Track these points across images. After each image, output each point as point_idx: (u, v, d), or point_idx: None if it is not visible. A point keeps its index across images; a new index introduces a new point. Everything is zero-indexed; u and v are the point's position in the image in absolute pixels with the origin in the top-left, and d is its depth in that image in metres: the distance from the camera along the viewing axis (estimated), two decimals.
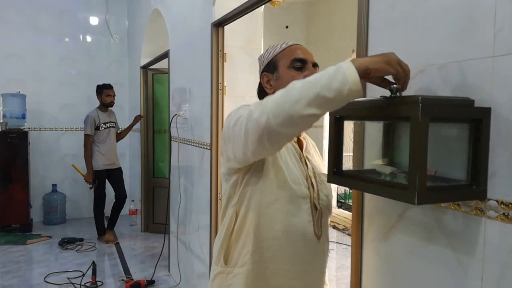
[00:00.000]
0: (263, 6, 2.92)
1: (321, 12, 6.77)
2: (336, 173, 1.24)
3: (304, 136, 1.39)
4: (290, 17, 6.85)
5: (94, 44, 6.02)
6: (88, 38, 5.99)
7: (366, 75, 0.94)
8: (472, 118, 1.04)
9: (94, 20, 6.01)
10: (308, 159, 1.32)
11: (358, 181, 1.16)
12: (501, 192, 1.03)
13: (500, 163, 1.03)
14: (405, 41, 1.29)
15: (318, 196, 1.28)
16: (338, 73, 0.91)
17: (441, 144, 1.14)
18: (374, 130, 1.29)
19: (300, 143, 1.34)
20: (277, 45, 1.32)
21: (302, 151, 1.32)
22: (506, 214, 1.01)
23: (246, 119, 1.03)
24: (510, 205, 1.00)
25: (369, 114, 1.13)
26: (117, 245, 4.87)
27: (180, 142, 3.63)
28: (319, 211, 1.28)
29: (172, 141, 3.85)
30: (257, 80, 1.40)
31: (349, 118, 1.22)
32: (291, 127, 0.98)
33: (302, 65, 1.25)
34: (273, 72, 1.29)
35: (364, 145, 1.35)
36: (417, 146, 0.95)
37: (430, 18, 1.20)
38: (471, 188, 1.05)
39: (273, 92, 1.27)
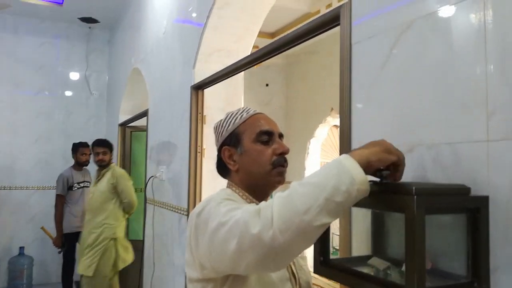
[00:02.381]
0: None
1: (300, 70, 6.91)
2: (323, 263, 1.12)
3: None
4: (270, 75, 6.96)
5: (72, 99, 5.91)
6: (67, 93, 5.90)
7: (368, 168, 0.86)
8: (469, 208, 0.95)
9: (73, 76, 5.96)
10: None
11: (349, 275, 1.04)
12: None
13: (502, 257, 0.93)
14: (391, 118, 1.23)
15: (300, 286, 1.15)
16: (343, 172, 0.81)
17: (437, 232, 1.04)
18: (362, 215, 1.20)
19: None
20: (236, 114, 1.19)
21: None
22: None
23: (239, 231, 0.85)
24: None
25: (367, 201, 1.03)
26: None
27: (156, 205, 3.47)
28: None
29: (147, 203, 3.68)
30: None
31: None
32: (302, 242, 0.82)
33: (269, 138, 1.14)
34: (236, 146, 1.14)
35: (351, 231, 1.25)
36: (414, 243, 0.85)
37: (418, 94, 1.15)
38: (473, 286, 0.95)
39: (237, 169, 1.15)
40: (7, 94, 5.51)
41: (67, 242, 4.49)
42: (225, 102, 2.89)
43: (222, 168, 1.20)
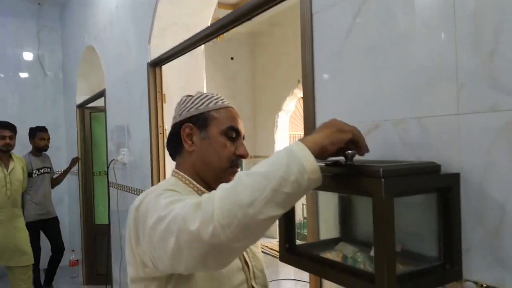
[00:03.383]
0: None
1: (265, 43, 6.76)
2: (289, 250, 1.05)
3: None
4: (235, 48, 6.77)
5: (26, 81, 5.57)
6: (20, 75, 5.55)
7: (323, 153, 0.78)
8: (440, 187, 0.89)
9: (25, 56, 5.58)
10: None
11: (316, 263, 0.97)
12: (478, 271, 0.88)
13: (474, 237, 0.88)
14: (356, 91, 1.15)
15: (254, 274, 1.08)
16: (293, 161, 0.73)
17: (407, 212, 0.99)
18: (329, 197, 1.13)
19: None
20: (211, 98, 1.11)
21: None
22: None
23: (177, 228, 0.77)
24: None
25: (326, 184, 0.95)
26: None
27: (119, 189, 3.33)
28: None
29: (110, 187, 3.53)
30: None
31: None
32: (247, 238, 0.75)
33: (236, 137, 1.07)
34: (202, 129, 1.06)
35: (319, 214, 1.18)
36: (382, 229, 0.79)
37: (384, 67, 1.07)
38: (445, 268, 0.90)
39: (192, 151, 1.06)
40: None
41: (30, 231, 4.30)
42: (186, 80, 2.74)
43: (174, 145, 1.11)
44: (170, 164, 2.61)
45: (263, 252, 1.19)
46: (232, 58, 6.79)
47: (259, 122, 6.83)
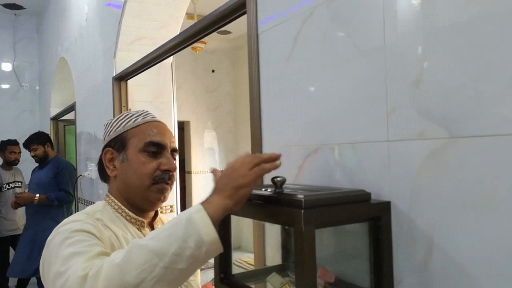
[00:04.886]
0: (172, 58, 2.74)
1: (246, 56, 6.76)
2: (223, 280, 1.01)
3: (162, 224, 1.12)
4: (216, 61, 6.75)
5: (2, 93, 5.48)
6: None
7: (228, 212, 0.75)
8: (370, 216, 0.86)
9: (2, 67, 5.51)
10: None
11: None
12: None
13: (405, 268, 0.85)
14: (297, 114, 1.13)
15: None
16: (190, 234, 0.69)
17: (342, 241, 0.96)
18: (274, 225, 1.09)
19: None
20: (131, 116, 1.06)
21: None
22: None
23: None
24: None
25: (253, 212, 0.92)
26: None
27: (86, 205, 3.26)
28: None
29: (79, 203, 3.45)
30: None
31: (236, 213, 1.00)
32: None
33: (158, 151, 1.02)
34: (120, 151, 1.02)
35: (265, 240, 1.14)
36: (303, 261, 0.75)
37: (323, 90, 1.04)
38: None
39: (115, 176, 1.02)
40: None
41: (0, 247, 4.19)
42: (154, 94, 2.70)
43: (101, 171, 1.07)
44: None
45: (240, 267, 1.15)
46: (213, 71, 6.77)
47: (240, 134, 6.80)
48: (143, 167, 0.99)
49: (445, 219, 0.77)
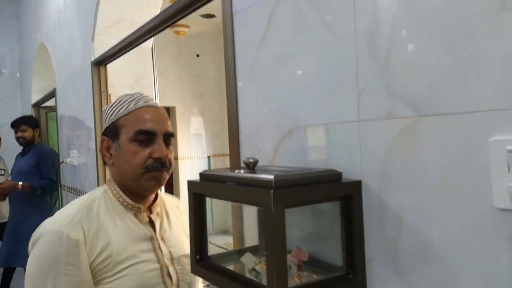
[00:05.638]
0: (152, 42, 2.70)
1: None
2: (199, 261, 1.01)
3: (161, 207, 1.12)
4: (200, 46, 6.67)
5: None
6: None
7: None
8: (341, 195, 0.87)
9: None
10: (164, 240, 1.07)
11: (220, 275, 0.93)
12: (381, 281, 0.86)
13: (376, 247, 0.86)
14: (272, 97, 1.12)
15: (178, 287, 1.04)
16: None
17: (313, 219, 0.96)
18: (250, 207, 1.09)
19: (153, 223, 1.08)
20: (124, 103, 1.04)
21: (157, 231, 1.07)
22: None
23: None
24: None
25: (229, 194, 0.91)
26: None
27: (69, 192, 3.23)
28: None
29: (62, 190, 3.43)
30: None
31: (211, 195, 1.00)
32: None
33: (149, 138, 1.00)
34: (114, 140, 1.02)
35: (243, 221, 1.14)
36: (272, 242, 0.75)
37: (296, 71, 1.04)
38: (348, 278, 0.88)
39: (112, 164, 1.04)
40: None
41: None
42: (134, 78, 2.67)
43: (103, 158, 1.09)
44: None
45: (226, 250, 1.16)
46: (198, 55, 6.69)
47: (226, 118, 6.77)
48: (134, 157, 0.99)
49: (414, 198, 0.78)
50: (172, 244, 1.08)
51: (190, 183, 1.01)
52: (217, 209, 0.99)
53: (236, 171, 0.91)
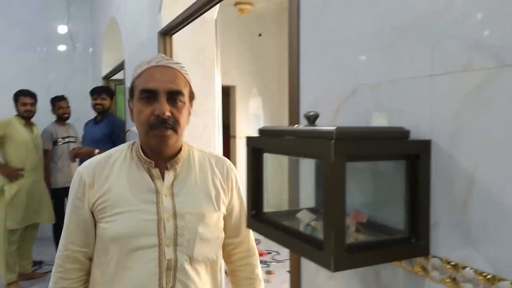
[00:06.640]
0: (215, 13, 2.71)
1: None
2: (255, 217, 1.01)
3: (184, 163, 1.13)
4: (263, 25, 6.63)
5: (56, 54, 5.71)
6: (50, 48, 5.68)
7: None
8: (408, 154, 0.82)
9: (55, 29, 5.72)
10: (173, 194, 1.08)
11: (276, 230, 0.93)
12: (446, 247, 0.81)
13: (443, 211, 0.81)
14: (335, 57, 1.08)
15: (175, 242, 1.05)
16: None
17: (375, 180, 0.92)
18: (308, 166, 1.07)
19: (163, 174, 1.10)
20: (142, 64, 1.08)
21: (165, 186, 1.08)
22: (453, 277, 0.79)
23: None
24: (457, 266, 0.78)
25: (288, 148, 0.89)
26: None
27: None
28: (172, 261, 1.05)
29: None
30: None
31: (269, 150, 0.99)
32: None
33: (152, 96, 1.02)
34: (131, 99, 1.09)
35: (299, 180, 1.12)
36: (331, 195, 0.73)
37: (359, 29, 0.99)
38: (410, 242, 0.83)
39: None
40: None
41: (56, 198, 4.46)
42: (197, 50, 2.71)
43: None
44: (196, 136, 2.60)
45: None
46: (260, 35, 6.66)
47: (286, 100, 6.73)
48: (140, 115, 1.03)
49: (489, 159, 0.72)
50: (181, 200, 1.08)
51: (249, 139, 1.00)
52: (273, 187, 0.98)
53: (295, 126, 0.89)
